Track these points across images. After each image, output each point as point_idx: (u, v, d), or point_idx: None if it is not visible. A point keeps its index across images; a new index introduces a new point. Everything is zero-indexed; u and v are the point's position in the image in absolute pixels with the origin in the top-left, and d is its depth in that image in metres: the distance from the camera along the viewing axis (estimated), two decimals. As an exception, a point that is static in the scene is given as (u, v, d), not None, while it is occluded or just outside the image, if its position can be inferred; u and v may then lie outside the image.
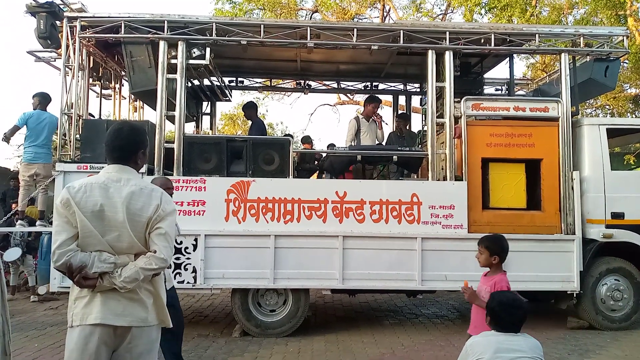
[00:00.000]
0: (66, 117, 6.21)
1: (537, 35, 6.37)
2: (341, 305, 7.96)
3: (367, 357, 5.27)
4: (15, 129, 6.53)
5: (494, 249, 3.67)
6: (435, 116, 6.28)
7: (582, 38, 6.43)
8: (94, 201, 2.37)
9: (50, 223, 6.59)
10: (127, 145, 2.53)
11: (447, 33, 6.27)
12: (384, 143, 7.54)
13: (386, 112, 9.92)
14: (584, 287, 6.12)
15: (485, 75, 7.98)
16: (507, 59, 7.49)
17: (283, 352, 5.45)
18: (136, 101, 8.05)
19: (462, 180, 6.13)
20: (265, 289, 6.05)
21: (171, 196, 4.46)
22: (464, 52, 6.43)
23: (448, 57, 6.24)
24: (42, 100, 6.83)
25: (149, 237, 2.43)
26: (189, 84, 7.38)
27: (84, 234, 2.36)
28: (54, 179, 6.06)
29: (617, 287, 6.21)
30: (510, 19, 13.36)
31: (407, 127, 8.05)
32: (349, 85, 9.13)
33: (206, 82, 7.86)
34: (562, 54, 6.50)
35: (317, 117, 45.64)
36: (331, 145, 7.98)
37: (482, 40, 6.33)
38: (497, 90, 8.47)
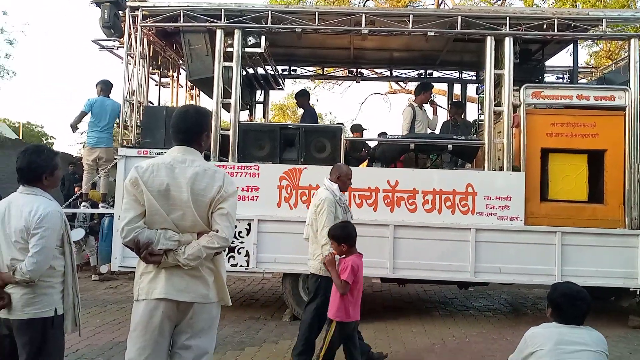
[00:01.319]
0: (128, 103, 6.46)
1: (604, 20, 6.05)
2: (390, 295, 7.93)
3: (417, 346, 5.24)
4: (82, 114, 6.86)
5: (339, 238, 3.79)
6: (492, 104, 6.10)
7: (654, 22, 6.07)
8: (161, 181, 2.47)
9: (112, 205, 6.91)
10: (192, 127, 2.61)
11: (507, 18, 6.05)
12: (437, 131, 7.41)
13: (440, 101, 9.72)
14: (648, 285, 5.83)
15: (547, 63, 7.65)
16: (571, 45, 7.16)
17: (333, 337, 5.49)
18: (192, 89, 8.27)
19: (520, 170, 5.94)
20: (315, 275, 6.11)
21: (347, 187, 4.64)
22: (524, 38, 6.20)
23: (508, 43, 6.03)
24: (105, 87, 7.14)
25: (212, 217, 2.51)
26: (244, 72, 7.49)
27: (150, 212, 2.46)
28: (115, 163, 6.33)
29: (685, 286, 5.87)
30: (575, 3, 12.72)
31: (462, 116, 7.86)
32: (402, 74, 9.00)
33: (260, 70, 7.96)
34: (632, 40, 6.12)
35: (367, 107, 45.29)
36: (383, 134, 7.90)
37: (545, 26, 6.06)
38: (558, 78, 8.11)
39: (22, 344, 2.77)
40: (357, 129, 9.12)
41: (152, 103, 7.29)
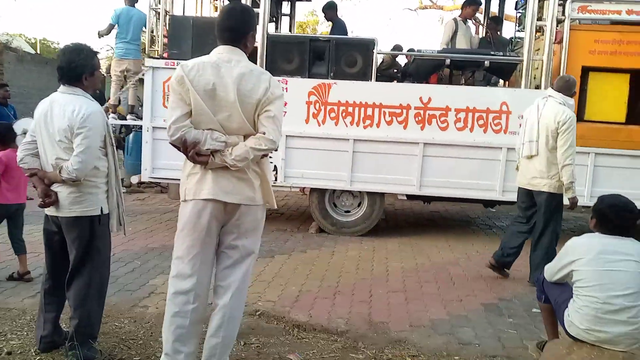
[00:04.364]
0: (153, 12, 6.27)
1: None
2: (412, 212, 8.04)
3: (442, 259, 5.37)
4: (110, 27, 6.70)
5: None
6: (535, 18, 5.76)
7: None
8: (207, 80, 2.41)
9: (140, 117, 6.92)
10: (238, 25, 2.51)
11: None
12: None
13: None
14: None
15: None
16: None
17: (358, 248, 5.66)
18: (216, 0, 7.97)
19: (558, 89, 5.74)
20: (341, 190, 6.19)
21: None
22: (575, -56, 5.75)
23: (557, -51, 5.62)
24: (131, -5, 6.91)
25: (258, 119, 2.47)
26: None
27: (196, 112, 2.43)
28: (142, 76, 6.26)
29: None
30: None
31: (499, 33, 7.51)
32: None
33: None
34: (693, -51, 5.66)
35: (395, 24, 42.95)
36: (411, 50, 7.61)
37: None
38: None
39: (71, 240, 2.88)
40: (399, 49, 8.77)
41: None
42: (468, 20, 6.92)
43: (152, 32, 6.32)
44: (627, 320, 2.43)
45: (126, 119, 7.39)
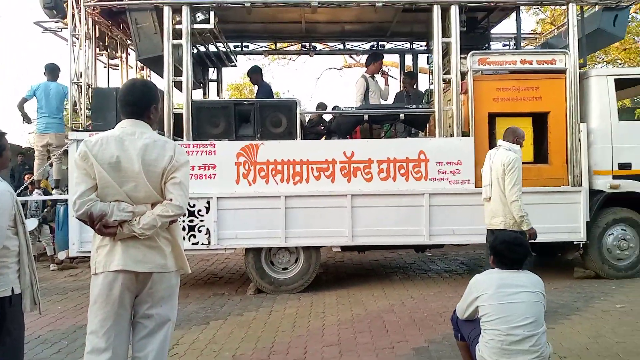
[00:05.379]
0: (76, 86, 6.30)
1: (544, -13, 6.28)
2: (351, 263, 8.14)
3: (378, 308, 5.45)
4: (23, 101, 6.68)
5: None
6: (441, 72, 6.25)
7: (590, -13, 6.33)
8: (111, 153, 2.48)
9: (66, 191, 6.77)
10: (139, 99, 2.62)
11: (453, -13, 6.19)
12: (390, 101, 7.56)
13: (393, 73, 9.93)
14: (590, 238, 6.21)
15: (493, 31, 7.89)
16: (514, 12, 7.40)
17: (296, 306, 5.65)
18: (143, 70, 8.11)
19: (469, 135, 6.16)
20: (277, 247, 6.23)
21: (521, 146, 4.80)
22: (470, 6, 6.37)
23: (454, 11, 6.17)
24: (49, 71, 6.93)
25: (165, 187, 2.54)
26: (195, 50, 7.40)
27: (102, 185, 2.48)
28: (66, 148, 6.19)
29: (624, 237, 6.27)
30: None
31: (414, 86, 8.03)
32: (354, 46, 9.07)
33: (211, 48, 7.87)
34: (570, 4, 6.37)
35: (323, 82, 45.19)
36: (336, 107, 8.01)
37: (489, -6, 6.25)
38: (504, 45, 8.38)
39: (-20, 325, 2.76)
40: (323, 107, 9.15)
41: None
42: (375, 75, 7.37)
43: (75, 105, 6.32)
44: (529, 349, 2.59)
45: (52, 194, 7.21)
